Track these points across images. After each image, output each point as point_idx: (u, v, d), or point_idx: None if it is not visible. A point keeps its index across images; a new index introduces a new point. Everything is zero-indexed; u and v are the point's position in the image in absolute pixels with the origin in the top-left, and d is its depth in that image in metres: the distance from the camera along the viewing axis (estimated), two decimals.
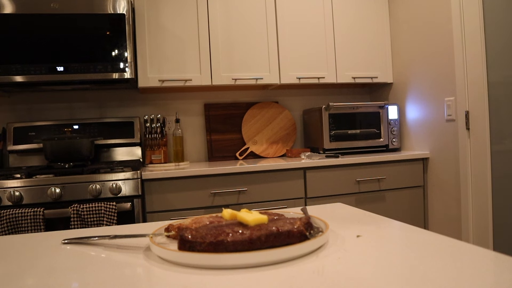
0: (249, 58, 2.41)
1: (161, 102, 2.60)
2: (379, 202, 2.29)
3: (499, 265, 0.54)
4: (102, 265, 0.60)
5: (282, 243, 0.58)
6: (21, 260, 0.64)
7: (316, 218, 0.72)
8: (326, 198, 2.20)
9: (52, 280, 0.54)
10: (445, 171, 2.23)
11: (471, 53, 2.01)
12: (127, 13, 2.13)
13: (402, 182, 2.33)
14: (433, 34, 2.26)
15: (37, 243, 0.76)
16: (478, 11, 1.97)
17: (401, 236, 0.72)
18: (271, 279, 0.51)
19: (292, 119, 2.76)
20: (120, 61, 2.12)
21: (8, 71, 1.99)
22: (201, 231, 0.59)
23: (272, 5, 2.45)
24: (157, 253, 0.61)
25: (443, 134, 2.23)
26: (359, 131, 2.49)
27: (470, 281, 0.48)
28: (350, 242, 0.65)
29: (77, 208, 1.79)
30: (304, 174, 2.17)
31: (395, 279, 0.49)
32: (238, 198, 2.07)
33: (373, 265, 0.55)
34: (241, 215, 0.64)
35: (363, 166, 2.26)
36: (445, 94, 2.20)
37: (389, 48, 2.67)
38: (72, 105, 2.47)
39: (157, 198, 1.98)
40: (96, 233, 0.82)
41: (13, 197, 1.77)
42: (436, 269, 0.51)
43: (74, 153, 2.13)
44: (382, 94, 2.82)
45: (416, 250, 0.61)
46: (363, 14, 2.61)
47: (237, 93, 2.74)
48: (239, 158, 2.61)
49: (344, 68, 2.56)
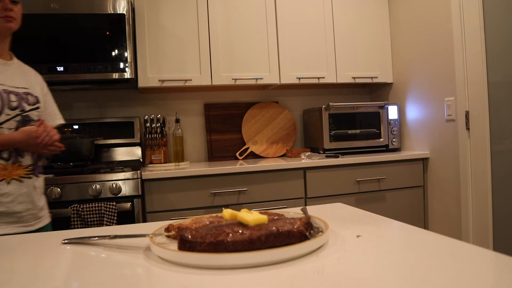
0: (249, 58, 2.41)
1: (161, 102, 2.60)
2: (379, 202, 2.29)
3: (499, 265, 0.54)
4: (102, 265, 0.60)
5: (282, 243, 0.58)
6: (21, 260, 0.64)
7: (316, 218, 0.72)
8: (326, 198, 2.20)
9: (52, 280, 0.54)
10: (445, 171, 2.23)
11: (471, 53, 2.01)
12: (127, 13, 2.13)
13: (402, 182, 2.33)
14: (433, 34, 2.26)
15: (37, 243, 0.76)
16: (478, 11, 1.97)
17: (401, 236, 0.72)
18: (271, 279, 0.51)
19: (292, 119, 2.76)
20: (120, 61, 2.12)
21: None
22: (201, 231, 0.59)
23: (272, 5, 2.45)
24: (157, 253, 0.61)
25: (443, 134, 2.23)
26: (359, 131, 2.49)
27: (470, 281, 0.48)
28: (350, 242, 0.65)
29: (77, 208, 1.78)
30: (304, 174, 2.17)
31: (395, 279, 0.49)
32: (238, 198, 2.07)
33: (373, 265, 0.55)
34: (241, 215, 0.64)
35: (363, 166, 2.26)
36: (445, 94, 2.20)
37: (389, 48, 2.67)
38: (72, 105, 2.47)
39: (157, 198, 1.98)
40: (96, 233, 0.82)
41: None
42: (436, 269, 0.51)
43: (74, 153, 2.12)
44: (382, 94, 2.82)
45: (416, 250, 0.61)
46: (363, 14, 2.61)
47: (237, 93, 2.74)
48: (239, 158, 2.61)
49: (344, 68, 2.56)
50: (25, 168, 1.31)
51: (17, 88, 1.31)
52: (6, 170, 1.25)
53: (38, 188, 1.36)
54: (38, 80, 1.45)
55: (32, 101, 1.34)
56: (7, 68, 1.32)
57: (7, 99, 1.25)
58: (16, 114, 1.28)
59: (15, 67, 1.36)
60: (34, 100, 1.35)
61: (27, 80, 1.38)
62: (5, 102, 1.25)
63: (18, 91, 1.30)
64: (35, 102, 1.35)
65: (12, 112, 1.27)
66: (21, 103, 1.29)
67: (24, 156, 1.31)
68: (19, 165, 1.28)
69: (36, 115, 1.35)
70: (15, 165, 1.28)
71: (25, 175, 1.30)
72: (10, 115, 1.26)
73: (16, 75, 1.34)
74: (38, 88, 1.41)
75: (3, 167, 1.25)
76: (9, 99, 1.26)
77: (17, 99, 1.28)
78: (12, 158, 1.27)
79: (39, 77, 1.46)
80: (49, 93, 1.50)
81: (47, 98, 1.47)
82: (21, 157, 1.29)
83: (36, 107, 1.35)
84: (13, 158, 1.27)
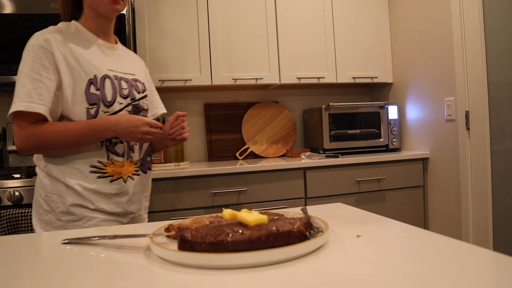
0: (249, 58, 2.41)
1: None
2: (379, 202, 2.29)
3: (499, 265, 0.54)
4: (102, 265, 0.60)
5: (282, 243, 0.58)
6: (21, 260, 0.64)
7: (316, 218, 0.72)
8: (326, 198, 2.20)
9: (52, 280, 0.54)
10: (445, 171, 2.23)
11: (471, 53, 2.01)
12: (127, 13, 2.13)
13: (402, 182, 2.33)
14: (433, 34, 2.26)
15: (37, 243, 0.76)
16: (478, 11, 1.97)
17: (401, 236, 0.72)
18: (271, 279, 0.51)
19: (292, 119, 2.76)
20: None
21: (8, 71, 1.99)
22: (201, 231, 0.59)
23: (272, 5, 2.45)
24: (157, 253, 0.61)
25: (443, 134, 2.23)
26: (359, 131, 2.49)
27: (470, 281, 0.48)
28: (350, 242, 0.65)
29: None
30: (304, 174, 2.17)
31: (395, 279, 0.49)
32: (238, 198, 2.07)
33: (373, 265, 0.54)
34: (241, 215, 0.64)
35: (363, 166, 2.25)
36: (445, 94, 2.20)
37: (389, 48, 2.67)
38: None
39: (157, 198, 1.98)
40: (96, 233, 0.82)
41: (13, 197, 1.77)
42: (436, 269, 0.51)
43: None
44: (382, 94, 2.82)
45: (416, 250, 0.61)
46: (363, 14, 2.61)
47: (237, 93, 2.74)
48: (239, 158, 2.61)
49: (344, 68, 2.56)
50: (135, 164, 1.19)
51: (125, 74, 1.19)
52: (123, 167, 1.14)
53: (146, 186, 1.25)
54: (142, 66, 1.34)
55: (141, 88, 1.23)
56: (113, 52, 1.21)
57: (118, 86, 1.13)
58: (127, 103, 1.16)
59: (121, 52, 1.25)
60: (142, 88, 1.24)
61: (133, 65, 1.27)
62: (117, 90, 1.13)
63: (127, 77, 1.19)
64: (143, 89, 1.24)
65: (124, 101, 1.14)
66: (131, 91, 1.18)
67: (134, 150, 1.18)
68: (130, 160, 1.17)
69: (146, 103, 1.24)
70: (128, 160, 1.16)
71: (135, 172, 1.19)
72: (123, 104, 1.14)
73: (123, 60, 1.23)
74: (143, 74, 1.30)
75: (120, 164, 1.13)
76: (120, 86, 1.14)
77: (127, 86, 1.16)
78: (126, 153, 1.15)
79: (143, 63, 1.37)
80: (151, 80, 1.39)
81: (150, 86, 1.36)
82: (132, 151, 1.17)
83: (144, 95, 1.24)
84: (126, 154, 1.15)
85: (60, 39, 1.08)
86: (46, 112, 1.04)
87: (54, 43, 1.06)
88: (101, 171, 1.11)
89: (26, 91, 1.03)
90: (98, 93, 1.08)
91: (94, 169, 1.10)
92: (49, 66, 1.04)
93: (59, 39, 1.08)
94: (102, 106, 1.09)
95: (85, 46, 1.12)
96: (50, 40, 1.06)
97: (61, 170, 1.10)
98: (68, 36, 1.11)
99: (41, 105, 1.03)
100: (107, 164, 1.12)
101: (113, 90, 1.11)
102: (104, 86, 1.10)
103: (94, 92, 1.08)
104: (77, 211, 1.09)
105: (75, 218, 1.10)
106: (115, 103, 1.11)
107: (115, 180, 1.13)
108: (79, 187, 1.09)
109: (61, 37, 1.09)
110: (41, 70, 1.04)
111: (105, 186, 1.11)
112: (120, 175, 1.13)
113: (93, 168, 1.10)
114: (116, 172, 1.13)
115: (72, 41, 1.10)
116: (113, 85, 1.12)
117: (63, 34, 1.10)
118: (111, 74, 1.13)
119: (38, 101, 1.02)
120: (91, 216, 1.10)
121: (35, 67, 1.03)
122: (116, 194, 1.13)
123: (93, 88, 1.08)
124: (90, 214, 1.10)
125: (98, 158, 1.10)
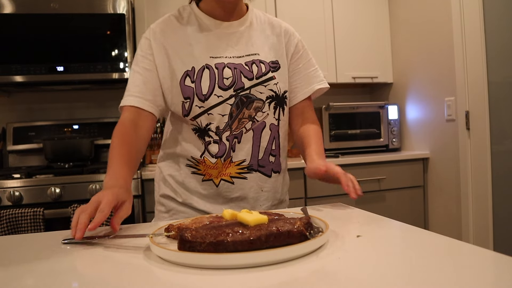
0: None
1: None
2: (379, 202, 2.29)
3: (499, 265, 0.54)
4: (102, 265, 0.60)
5: (282, 243, 0.58)
6: (21, 260, 0.64)
7: (316, 218, 0.72)
8: (326, 198, 2.19)
9: (52, 280, 0.54)
10: (445, 171, 2.23)
11: (471, 53, 2.01)
12: (127, 13, 2.13)
13: (402, 182, 2.32)
14: (433, 34, 2.26)
15: (37, 243, 0.76)
16: (478, 11, 1.97)
17: (401, 236, 0.72)
18: (271, 279, 0.51)
19: None
20: (120, 61, 2.12)
21: (8, 71, 1.99)
22: (201, 231, 0.59)
23: (272, 5, 2.44)
24: (157, 253, 0.61)
25: (443, 134, 2.23)
26: (359, 131, 2.49)
27: (470, 281, 0.48)
28: (350, 242, 0.65)
29: (77, 208, 1.78)
30: (304, 174, 2.17)
31: (395, 279, 0.49)
32: None
33: (373, 265, 0.54)
34: (241, 215, 0.64)
35: (363, 166, 2.25)
36: (445, 94, 2.19)
37: (389, 48, 2.67)
38: (72, 105, 2.47)
39: None
40: (96, 233, 0.82)
41: (13, 197, 1.77)
42: (436, 269, 0.51)
43: (74, 153, 2.13)
44: (382, 94, 2.82)
45: (416, 250, 0.61)
46: (363, 14, 2.61)
47: None
48: None
49: (344, 68, 2.56)
50: (237, 165, 1.02)
51: (239, 57, 1.02)
52: (215, 170, 1.01)
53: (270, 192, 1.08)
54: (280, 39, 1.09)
55: (263, 70, 1.01)
56: (232, 32, 1.04)
57: (219, 76, 0.98)
58: (230, 95, 0.98)
59: (246, 28, 1.06)
60: (265, 69, 1.02)
61: (261, 41, 1.06)
62: (216, 80, 0.98)
63: (239, 61, 1.01)
64: (266, 71, 1.02)
65: (224, 93, 0.98)
66: (238, 79, 0.99)
67: (236, 150, 1.01)
68: (230, 161, 1.01)
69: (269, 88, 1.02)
70: (226, 162, 1.01)
71: (237, 174, 1.02)
72: (222, 96, 0.98)
73: (245, 38, 1.05)
74: (277, 49, 1.07)
75: (212, 165, 1.01)
76: (222, 76, 0.98)
77: (231, 75, 0.99)
78: (225, 154, 1.01)
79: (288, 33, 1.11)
80: (305, 52, 1.16)
81: (300, 59, 1.13)
82: (233, 151, 1.01)
83: (262, 80, 1.01)
84: (225, 155, 1.01)
85: (164, 29, 1.04)
86: (137, 103, 1.00)
87: (158, 33, 1.04)
88: (196, 167, 1.03)
89: (128, 84, 1.03)
90: (193, 86, 0.98)
91: (190, 163, 1.04)
92: (149, 57, 1.02)
93: (164, 29, 1.04)
94: (196, 100, 0.97)
95: (192, 33, 1.03)
96: (154, 31, 1.05)
97: (163, 157, 1.10)
98: (176, 24, 1.05)
99: (135, 97, 1.01)
100: (200, 162, 1.02)
101: (210, 82, 0.97)
102: (202, 77, 0.98)
103: (188, 84, 0.98)
104: (165, 202, 1.07)
105: (164, 209, 1.07)
106: (212, 96, 0.97)
107: (206, 180, 1.03)
108: (170, 178, 1.06)
109: (166, 26, 1.05)
110: (141, 61, 1.03)
111: (196, 183, 1.04)
112: (210, 177, 1.02)
113: (189, 161, 1.04)
114: (207, 172, 1.02)
115: (178, 29, 1.04)
116: (212, 75, 0.98)
117: (171, 22, 1.06)
118: (214, 63, 0.99)
119: (133, 93, 1.01)
120: (178, 210, 1.05)
121: (137, 59, 1.04)
122: (206, 195, 1.04)
123: (188, 80, 0.98)
124: (178, 207, 1.06)
125: (193, 154, 1.03)
